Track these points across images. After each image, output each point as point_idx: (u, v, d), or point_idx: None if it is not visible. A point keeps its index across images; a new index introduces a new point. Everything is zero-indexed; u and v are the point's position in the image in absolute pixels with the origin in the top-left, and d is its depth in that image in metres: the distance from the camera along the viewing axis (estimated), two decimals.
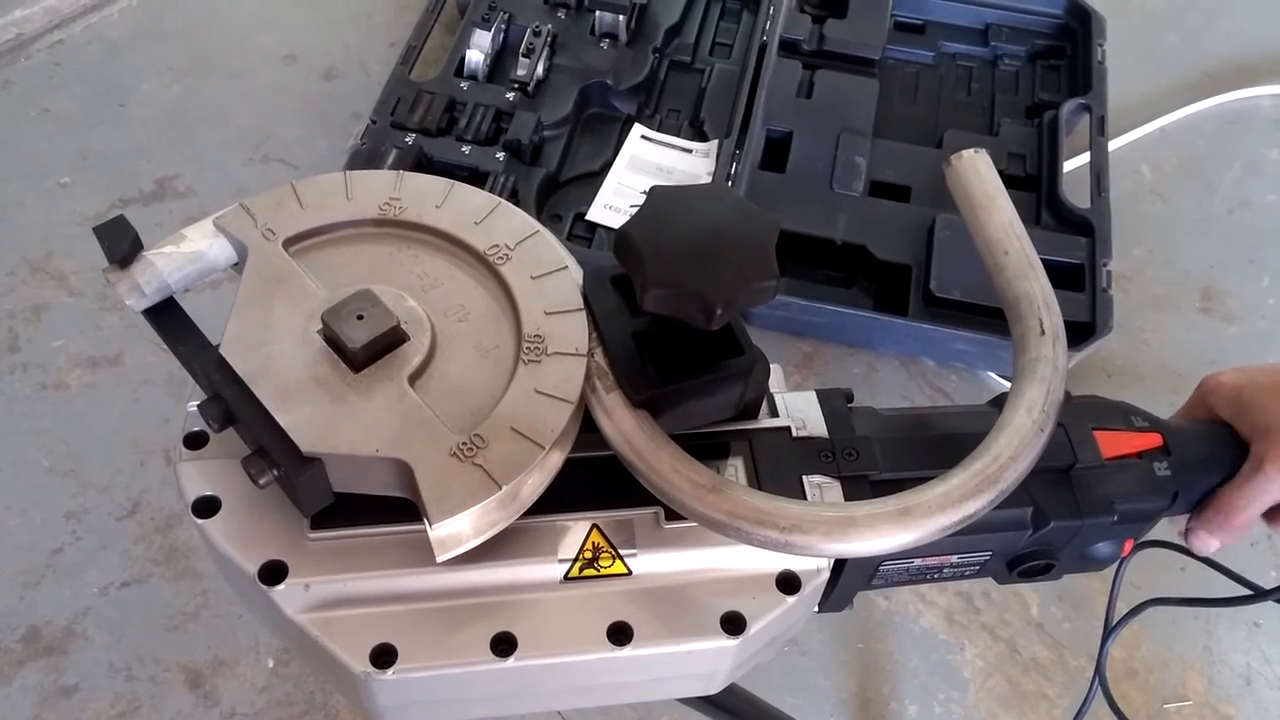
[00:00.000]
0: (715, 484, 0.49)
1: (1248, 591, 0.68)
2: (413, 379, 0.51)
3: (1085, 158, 1.45)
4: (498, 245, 0.56)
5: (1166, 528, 0.68)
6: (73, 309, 1.35)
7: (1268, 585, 0.66)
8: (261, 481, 0.49)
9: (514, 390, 0.51)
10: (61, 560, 1.18)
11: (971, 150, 0.59)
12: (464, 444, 0.49)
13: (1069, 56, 1.60)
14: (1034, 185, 1.45)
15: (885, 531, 0.48)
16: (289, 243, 0.55)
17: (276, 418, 0.49)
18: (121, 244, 0.52)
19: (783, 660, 1.17)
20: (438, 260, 0.56)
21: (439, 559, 0.48)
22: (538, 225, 0.57)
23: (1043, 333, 0.55)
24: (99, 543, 1.19)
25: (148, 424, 1.27)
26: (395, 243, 0.57)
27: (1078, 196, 1.40)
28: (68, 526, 1.20)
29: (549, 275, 0.55)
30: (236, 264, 0.56)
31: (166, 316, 0.54)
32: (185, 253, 0.54)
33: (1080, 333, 1.28)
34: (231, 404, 0.50)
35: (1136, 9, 1.75)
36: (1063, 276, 1.33)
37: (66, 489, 1.22)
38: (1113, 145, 1.51)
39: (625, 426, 0.51)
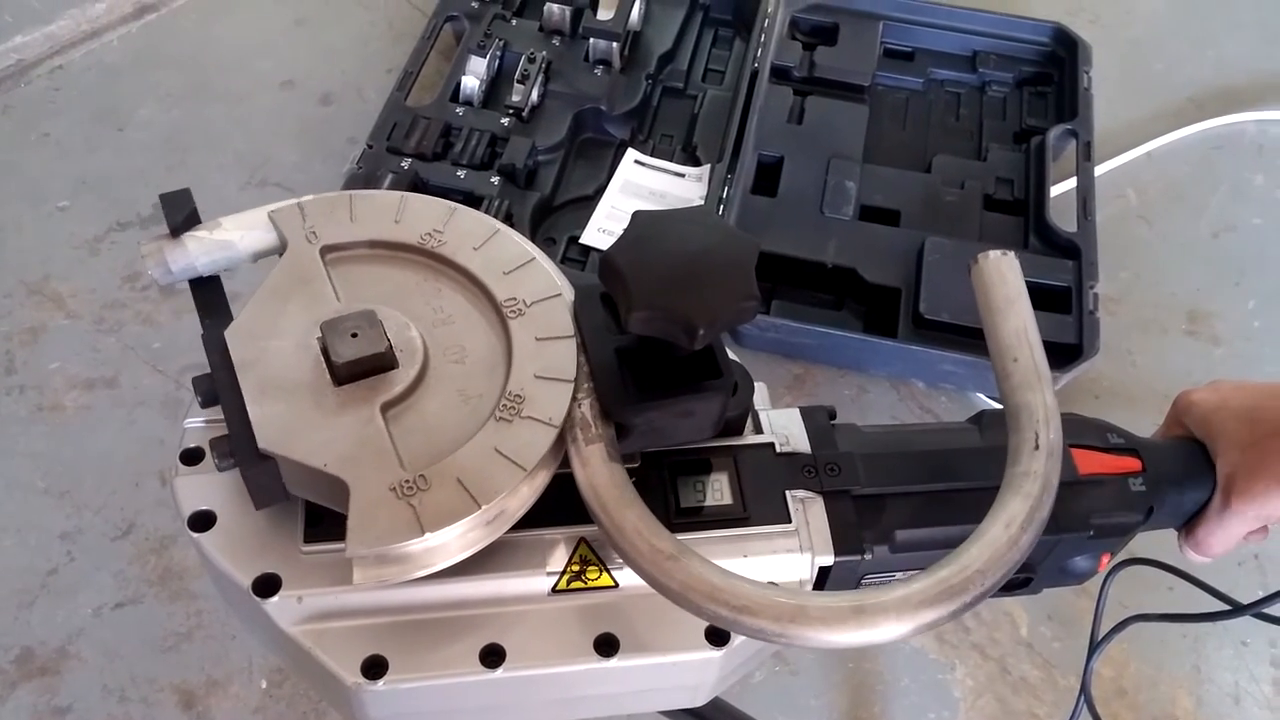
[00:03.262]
0: (675, 552, 0.49)
1: (1226, 606, 0.69)
2: (388, 406, 0.52)
3: (1072, 182, 1.47)
4: (516, 299, 0.56)
5: (1153, 546, 0.70)
6: (69, 331, 1.36)
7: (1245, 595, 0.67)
8: (220, 465, 0.50)
9: (475, 442, 0.51)
10: (56, 581, 1.18)
11: (999, 251, 0.58)
12: (406, 481, 0.49)
13: (1056, 83, 1.62)
14: (1021, 209, 1.47)
15: (836, 627, 0.48)
16: (327, 250, 0.57)
17: (248, 408, 0.50)
18: (178, 214, 0.55)
19: (773, 680, 1.17)
20: (458, 298, 0.57)
21: (354, 581, 0.49)
22: (561, 289, 0.56)
23: (1037, 447, 0.53)
24: (93, 563, 1.20)
25: (143, 445, 1.28)
26: (424, 272, 0.58)
27: (1064, 220, 1.42)
28: (62, 547, 1.21)
29: (553, 340, 0.54)
30: (263, 256, 0.57)
31: (208, 292, 0.56)
32: (217, 240, 0.56)
33: (1067, 354, 1.30)
34: (218, 385, 0.51)
35: (1123, 37, 1.78)
36: (1050, 299, 1.35)
37: (61, 510, 1.23)
38: (1099, 170, 1.53)
39: (598, 481, 0.51)
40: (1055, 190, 1.48)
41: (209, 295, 0.56)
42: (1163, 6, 1.85)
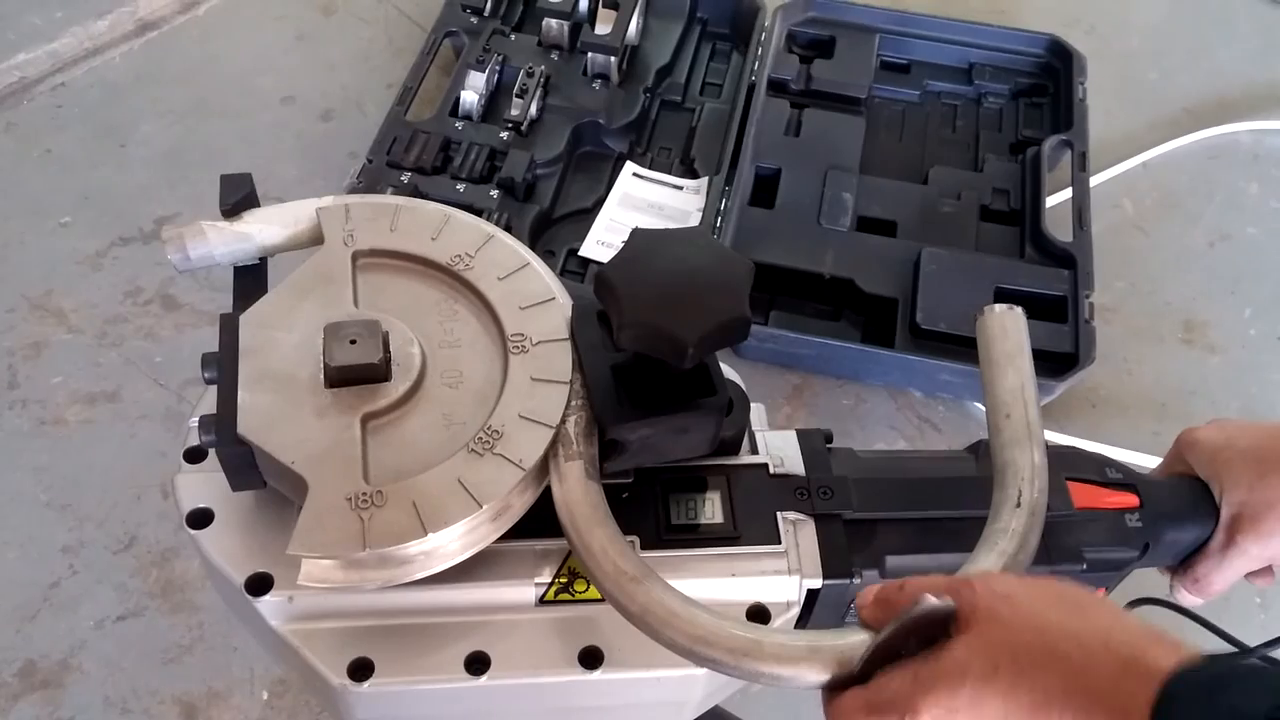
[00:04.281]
0: (638, 575, 0.49)
1: (1233, 650, 0.68)
2: (371, 417, 0.52)
3: (1068, 193, 1.48)
4: (523, 335, 0.56)
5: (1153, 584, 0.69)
6: (72, 346, 1.37)
7: (1251, 637, 0.66)
8: (203, 440, 0.51)
9: (442, 469, 0.51)
10: (58, 594, 1.19)
11: (1005, 306, 0.58)
12: (364, 494, 0.49)
13: (1051, 94, 1.63)
14: (1018, 220, 1.48)
15: (790, 664, 0.48)
16: (360, 254, 0.57)
17: (239, 393, 0.51)
18: (234, 195, 0.57)
19: (773, 691, 1.17)
20: (471, 323, 0.57)
21: (299, 580, 0.49)
22: (568, 334, 0.56)
23: (1018, 505, 0.53)
24: (95, 576, 1.20)
25: (145, 458, 1.29)
26: (446, 291, 0.58)
27: (1060, 230, 1.42)
28: (65, 560, 1.21)
29: (546, 384, 0.55)
30: (278, 252, 0.58)
31: (250, 278, 0.58)
32: (236, 231, 0.57)
33: (1064, 363, 1.30)
34: (219, 364, 0.52)
35: (1117, 49, 1.78)
36: (1046, 308, 1.35)
37: (64, 523, 1.24)
38: (1095, 180, 1.54)
39: (572, 498, 0.51)
40: (1051, 200, 1.48)
41: (250, 281, 0.57)
42: (1158, 18, 1.85)
